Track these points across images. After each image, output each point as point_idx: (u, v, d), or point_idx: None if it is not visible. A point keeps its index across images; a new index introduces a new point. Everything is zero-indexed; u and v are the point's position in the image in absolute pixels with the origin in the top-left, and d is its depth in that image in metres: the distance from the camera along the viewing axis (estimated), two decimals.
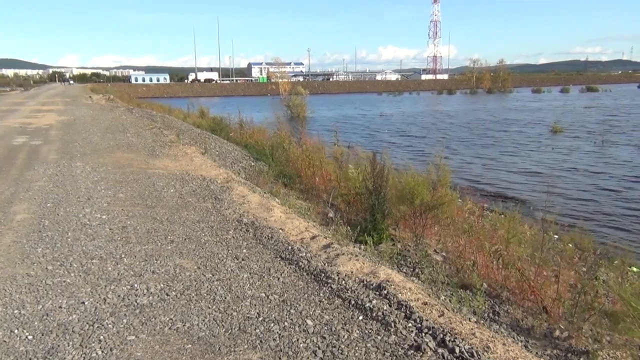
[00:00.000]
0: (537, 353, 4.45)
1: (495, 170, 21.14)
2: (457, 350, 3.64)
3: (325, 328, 4.13)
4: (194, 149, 13.33)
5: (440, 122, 45.62)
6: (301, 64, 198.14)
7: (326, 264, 5.46)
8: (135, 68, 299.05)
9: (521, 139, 30.92)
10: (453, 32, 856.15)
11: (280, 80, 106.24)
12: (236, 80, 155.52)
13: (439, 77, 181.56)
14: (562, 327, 5.21)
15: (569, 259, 7.40)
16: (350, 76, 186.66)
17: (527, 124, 40.09)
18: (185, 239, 6.37)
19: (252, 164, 13.65)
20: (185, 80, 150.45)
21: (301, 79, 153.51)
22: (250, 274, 5.31)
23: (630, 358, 4.71)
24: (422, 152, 25.57)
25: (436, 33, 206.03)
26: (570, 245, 9.16)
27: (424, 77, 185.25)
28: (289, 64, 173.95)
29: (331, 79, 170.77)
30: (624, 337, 5.01)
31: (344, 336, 3.99)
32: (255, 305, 4.58)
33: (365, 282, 4.93)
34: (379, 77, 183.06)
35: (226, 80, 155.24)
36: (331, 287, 4.89)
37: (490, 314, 5.42)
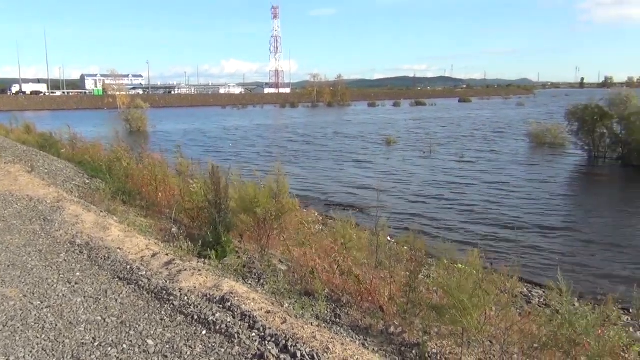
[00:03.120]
0: (373, 349, 4.73)
1: (337, 180, 22.11)
2: (298, 354, 3.76)
3: (167, 346, 4.03)
4: (19, 167, 12.20)
5: (284, 134, 46.72)
6: (140, 76, 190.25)
7: (168, 281, 5.32)
8: None
9: (359, 150, 32.68)
10: (294, 48, 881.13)
11: (118, 93, 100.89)
12: (68, 93, 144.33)
13: (282, 90, 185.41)
14: (396, 323, 5.60)
15: (403, 260, 7.97)
16: (193, 89, 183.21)
17: (364, 136, 42.48)
18: (8, 266, 5.81)
19: (87, 181, 12.83)
20: (8, 92, 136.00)
21: (141, 91, 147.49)
22: (84, 297, 5.00)
23: (455, 345, 5.19)
24: (267, 164, 25.94)
25: (277, 48, 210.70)
26: (405, 247, 9.87)
27: (267, 90, 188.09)
28: (127, 76, 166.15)
29: (173, 92, 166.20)
30: (450, 327, 5.53)
31: (186, 352, 3.92)
32: (90, 330, 4.33)
33: (208, 296, 4.89)
34: (222, 91, 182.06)
35: (56, 92, 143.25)
36: (173, 304, 4.78)
37: (332, 317, 5.66)
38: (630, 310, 8.16)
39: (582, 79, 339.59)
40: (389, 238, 11.36)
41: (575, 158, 26.81)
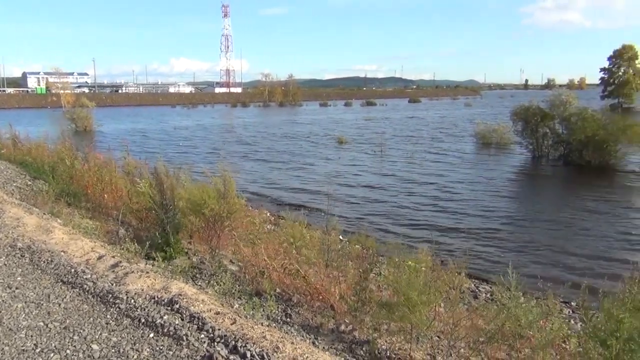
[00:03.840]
0: (324, 348, 4.75)
1: (289, 180, 22.09)
2: (248, 354, 3.74)
3: (113, 350, 3.93)
4: None
5: (235, 134, 46.31)
6: (86, 74, 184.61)
7: (114, 284, 5.19)
8: None
9: (311, 150, 32.77)
10: (245, 47, 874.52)
11: (62, 91, 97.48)
12: (8, 91, 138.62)
13: (233, 90, 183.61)
14: (347, 321, 5.64)
15: (354, 258, 8.03)
16: (141, 88, 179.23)
17: (317, 136, 42.60)
18: None
19: (29, 182, 12.37)
20: None
21: (87, 90, 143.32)
22: (25, 303, 4.82)
23: (404, 341, 5.27)
24: (217, 164, 25.62)
25: (228, 47, 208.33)
26: (357, 246, 9.95)
27: (217, 90, 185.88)
28: (72, 74, 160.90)
29: (120, 91, 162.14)
30: (400, 323, 5.61)
31: (133, 356, 3.84)
32: (32, 336, 4.17)
33: (156, 298, 4.80)
34: (172, 90, 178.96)
35: None
36: (119, 308, 4.67)
37: (283, 317, 5.66)
38: (572, 304, 8.49)
39: (526, 80, 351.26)
40: (340, 237, 11.45)
41: (519, 157, 27.64)
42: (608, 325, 3.45)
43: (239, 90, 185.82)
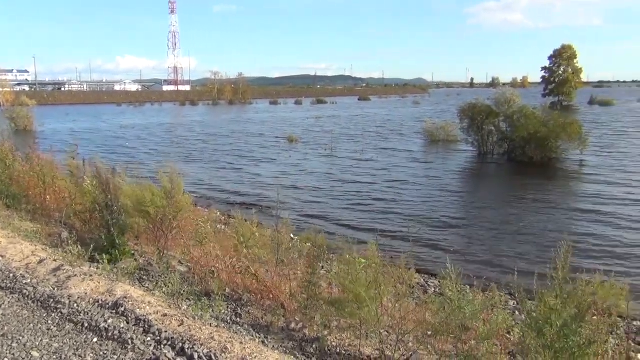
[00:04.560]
0: (273, 346, 4.73)
1: (240, 179, 21.91)
2: (195, 356, 3.69)
3: (55, 357, 3.81)
4: None
5: (183, 132, 45.55)
6: (26, 71, 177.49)
7: (56, 288, 5.02)
8: None
9: (262, 148, 32.59)
10: (193, 44, 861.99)
11: (0, 89, 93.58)
12: None
13: (181, 88, 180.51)
14: (297, 319, 5.64)
15: (305, 256, 8.04)
16: (85, 86, 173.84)
17: (267, 134, 42.42)
18: None
19: None
20: None
21: (27, 88, 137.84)
22: None
23: (354, 337, 5.32)
24: (165, 163, 25.18)
25: (175, 44, 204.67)
26: (308, 244, 9.97)
27: (165, 88, 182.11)
28: (11, 71, 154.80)
29: (63, 89, 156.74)
30: (349, 320, 5.65)
31: None
32: None
33: (100, 302, 4.68)
34: (117, 88, 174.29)
35: None
36: (61, 312, 4.52)
37: (233, 317, 5.60)
38: (516, 295, 8.74)
39: (472, 79, 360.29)
40: (292, 235, 11.44)
41: (466, 154, 28.31)
42: (543, 314, 3.58)
43: (187, 88, 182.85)
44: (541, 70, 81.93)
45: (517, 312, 7.98)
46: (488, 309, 5.42)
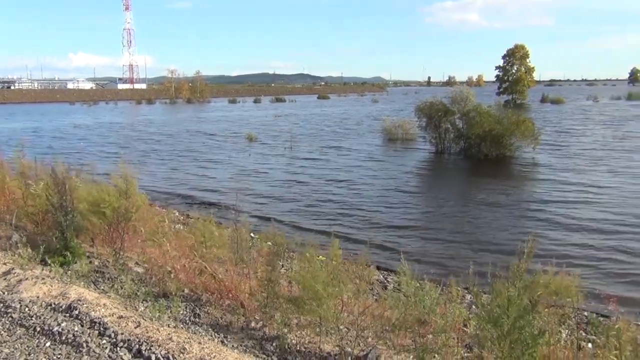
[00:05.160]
0: (233, 346, 4.71)
1: (198, 178, 21.65)
2: (153, 357, 3.64)
3: None
4: None
5: (142, 132, 44.68)
6: None
7: (6, 292, 4.86)
8: None
9: (221, 147, 32.28)
10: (149, 42, 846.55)
11: None
12: None
13: (137, 86, 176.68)
14: (257, 318, 5.63)
15: (265, 255, 8.01)
16: (36, 84, 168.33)
17: (226, 132, 42.02)
18: None
19: None
20: None
21: None
22: None
23: (314, 334, 5.33)
24: (120, 163, 24.65)
25: (130, 41, 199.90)
26: (268, 243, 9.94)
27: (120, 86, 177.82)
28: None
29: (13, 87, 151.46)
30: (309, 317, 5.67)
31: None
32: None
33: (53, 305, 4.55)
34: (70, 86, 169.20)
35: None
36: (12, 317, 4.38)
37: (191, 317, 5.54)
38: (470, 289, 8.92)
39: (429, 77, 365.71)
40: (251, 234, 11.39)
41: (424, 151, 28.72)
42: (499, 304, 3.67)
43: (143, 86, 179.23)
44: (495, 69, 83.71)
45: (473, 306, 8.17)
46: (445, 303, 5.53)
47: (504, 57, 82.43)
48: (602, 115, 53.49)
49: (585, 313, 8.10)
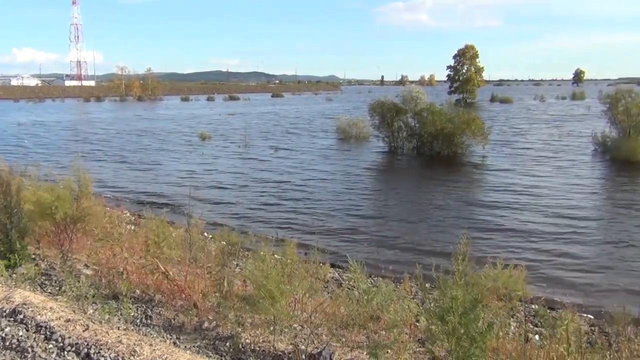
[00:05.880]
0: (185, 347, 4.65)
1: (151, 178, 21.26)
2: None
3: None
4: None
5: (89, 130, 43.47)
6: None
7: None
8: None
9: (173, 146, 31.78)
10: (98, 37, 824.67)
11: None
12: None
13: (85, 83, 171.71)
14: (210, 318, 5.57)
15: (219, 254, 7.94)
16: None
17: (179, 131, 41.38)
18: None
19: None
20: None
21: None
22: None
23: (268, 333, 5.33)
24: (69, 163, 23.94)
25: (78, 37, 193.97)
26: (223, 242, 9.85)
27: (68, 83, 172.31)
28: None
29: None
30: (263, 316, 5.65)
31: None
32: None
33: None
34: (15, 82, 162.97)
35: None
36: None
37: (143, 319, 5.44)
38: (419, 285, 9.08)
39: (383, 77, 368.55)
40: (205, 234, 11.27)
41: (377, 150, 29.00)
42: (445, 302, 3.76)
43: (92, 83, 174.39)
44: (446, 69, 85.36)
45: (426, 302, 8.32)
46: (399, 299, 5.62)
47: (454, 57, 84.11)
48: (547, 115, 55.36)
49: (534, 306, 8.36)
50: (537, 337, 6.85)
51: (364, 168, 23.60)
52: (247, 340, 5.05)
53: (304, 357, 4.60)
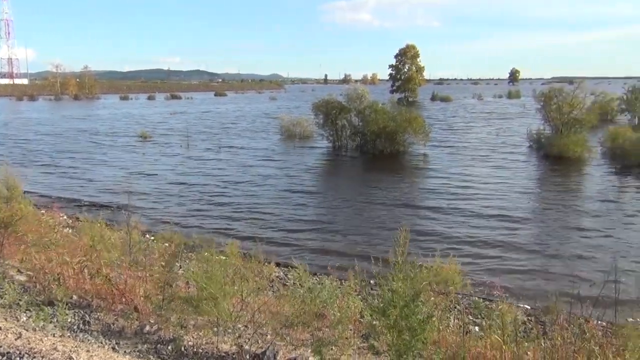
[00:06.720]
0: (125, 352, 4.53)
1: (88, 179, 20.59)
2: None
3: None
4: None
5: (22, 130, 41.60)
6: None
7: None
8: None
9: (112, 147, 30.88)
10: (31, 34, 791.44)
11: None
12: None
13: (18, 81, 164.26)
14: (152, 321, 5.45)
15: (161, 256, 7.76)
16: None
17: (118, 131, 40.24)
18: None
19: None
20: None
21: None
22: None
23: (212, 334, 5.26)
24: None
25: (9, 33, 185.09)
26: (166, 244, 9.64)
27: None
28: None
29: None
30: (206, 317, 5.57)
31: None
32: None
33: None
34: None
35: None
36: None
37: (80, 325, 5.26)
38: (371, 282, 9.20)
39: (326, 75, 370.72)
40: (147, 235, 11.00)
41: (322, 148, 29.14)
42: (385, 296, 3.82)
43: (25, 81, 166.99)
44: (389, 68, 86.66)
45: (371, 298, 8.42)
46: (343, 296, 5.67)
47: (396, 56, 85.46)
48: (485, 113, 57.18)
49: (474, 299, 8.61)
50: (476, 328, 7.06)
51: (307, 167, 23.62)
52: (190, 343, 4.98)
53: (248, 357, 4.57)
